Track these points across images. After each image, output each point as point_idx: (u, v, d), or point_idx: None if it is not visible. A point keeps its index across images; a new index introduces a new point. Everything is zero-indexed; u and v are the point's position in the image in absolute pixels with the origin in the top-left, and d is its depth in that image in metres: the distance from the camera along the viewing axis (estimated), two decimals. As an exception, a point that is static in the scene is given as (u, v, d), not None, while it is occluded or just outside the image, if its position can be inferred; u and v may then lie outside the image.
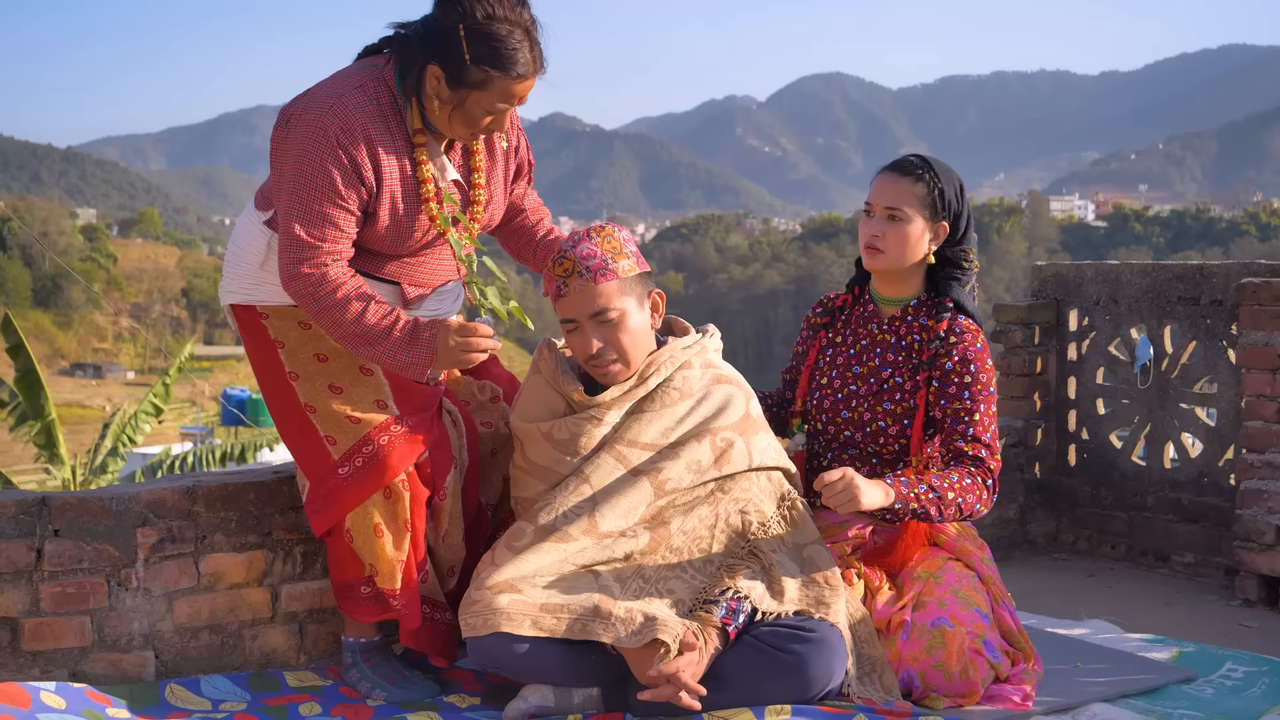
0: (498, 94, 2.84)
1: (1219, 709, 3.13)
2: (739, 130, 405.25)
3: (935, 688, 3.00)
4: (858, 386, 3.30)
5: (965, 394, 3.17)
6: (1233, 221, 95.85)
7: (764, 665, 2.88)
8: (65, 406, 45.40)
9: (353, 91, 2.88)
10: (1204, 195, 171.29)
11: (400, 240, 3.02)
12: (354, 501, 3.02)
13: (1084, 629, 3.88)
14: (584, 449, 3.03)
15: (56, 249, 64.89)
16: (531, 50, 2.83)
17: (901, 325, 3.30)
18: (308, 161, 2.84)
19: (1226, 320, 4.68)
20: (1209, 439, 4.76)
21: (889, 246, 3.20)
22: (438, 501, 3.12)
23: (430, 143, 2.99)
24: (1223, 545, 4.63)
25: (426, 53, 2.83)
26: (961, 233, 3.26)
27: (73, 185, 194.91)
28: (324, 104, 2.85)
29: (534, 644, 2.88)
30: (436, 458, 3.11)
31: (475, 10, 2.77)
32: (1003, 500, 5.05)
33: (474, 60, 2.79)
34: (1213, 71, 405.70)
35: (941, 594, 3.11)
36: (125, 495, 3.17)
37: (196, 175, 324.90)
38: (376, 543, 3.03)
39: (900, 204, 3.18)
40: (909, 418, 3.24)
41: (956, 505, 3.09)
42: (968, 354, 3.18)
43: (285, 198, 2.89)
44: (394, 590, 3.04)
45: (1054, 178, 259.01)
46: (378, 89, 2.91)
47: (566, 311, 2.99)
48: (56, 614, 3.09)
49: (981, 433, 3.16)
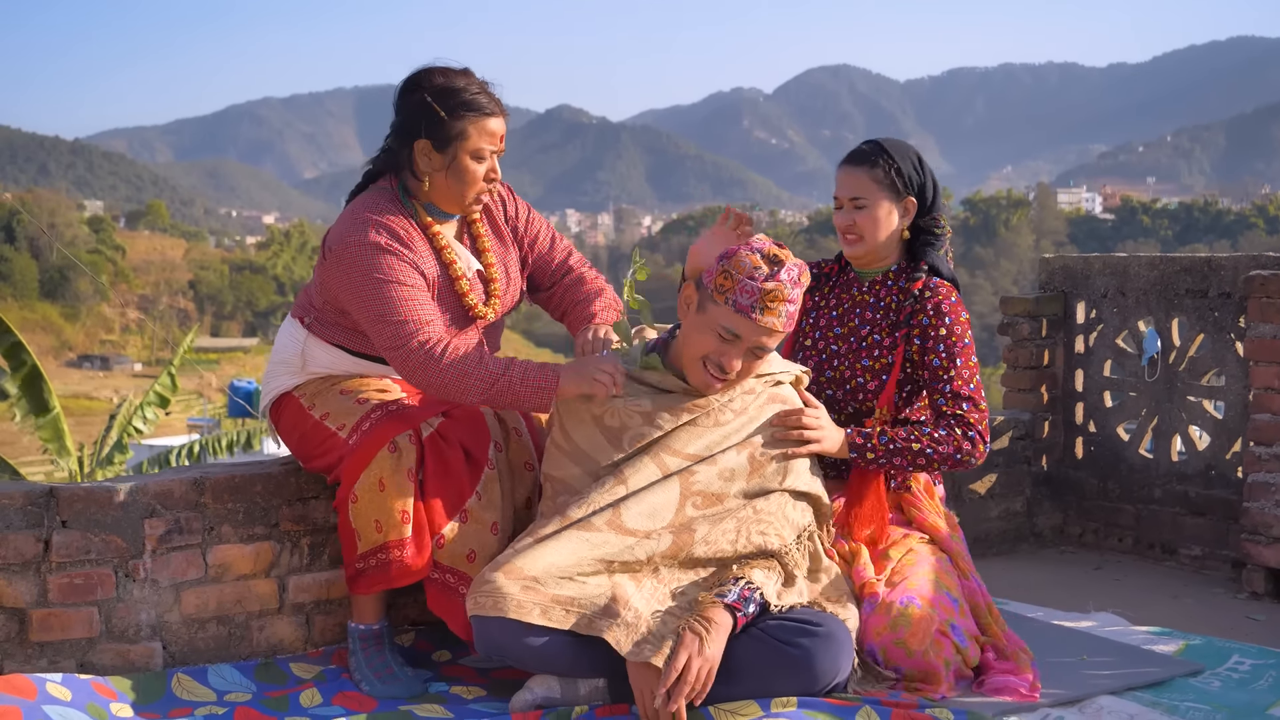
0: (479, 136, 3.15)
1: (1226, 701, 3.12)
2: (746, 123, 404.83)
3: (896, 664, 3.03)
4: (839, 346, 3.41)
5: (941, 348, 3.29)
6: (1241, 214, 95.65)
7: (771, 658, 2.89)
8: (72, 398, 45.49)
9: (371, 207, 3.17)
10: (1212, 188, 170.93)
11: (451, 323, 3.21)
12: (363, 460, 3.08)
13: (1091, 622, 3.88)
14: (628, 444, 3.04)
15: (63, 241, 64.98)
16: (489, 94, 3.18)
17: (881, 288, 3.43)
18: (366, 266, 3.08)
19: (1234, 313, 4.67)
20: (1216, 432, 4.75)
21: (863, 232, 3.37)
22: (488, 471, 3.20)
23: (449, 237, 3.26)
24: (1230, 538, 4.62)
25: (409, 137, 3.16)
26: (930, 201, 3.40)
27: (80, 177, 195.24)
28: (357, 225, 3.12)
29: (540, 634, 2.88)
30: (470, 432, 3.21)
31: (433, 82, 3.15)
32: (1009, 493, 5.05)
33: (449, 114, 3.12)
34: (1221, 64, 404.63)
35: (916, 575, 3.15)
36: (133, 486, 3.18)
37: (203, 167, 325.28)
38: (379, 496, 3.07)
39: (862, 193, 3.35)
40: (886, 374, 3.34)
41: (925, 455, 3.22)
42: (941, 307, 3.31)
43: (361, 305, 3.09)
44: (401, 540, 3.07)
45: (1061, 170, 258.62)
46: (390, 201, 3.20)
47: (742, 329, 2.95)
48: (64, 605, 3.10)
49: (960, 387, 3.27)
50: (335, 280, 3.15)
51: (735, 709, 2.84)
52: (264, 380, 3.40)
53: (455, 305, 3.23)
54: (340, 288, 3.14)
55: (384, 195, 3.21)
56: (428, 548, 3.11)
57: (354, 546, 3.14)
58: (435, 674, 3.27)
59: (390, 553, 3.08)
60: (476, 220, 3.34)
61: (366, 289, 3.08)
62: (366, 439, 3.10)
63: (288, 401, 3.32)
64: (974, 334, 3.38)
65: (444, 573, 3.15)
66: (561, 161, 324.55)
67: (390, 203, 3.19)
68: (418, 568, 3.09)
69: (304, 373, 3.31)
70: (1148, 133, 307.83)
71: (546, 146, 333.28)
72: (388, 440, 3.08)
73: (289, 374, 3.32)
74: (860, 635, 3.06)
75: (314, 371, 3.30)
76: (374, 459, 3.08)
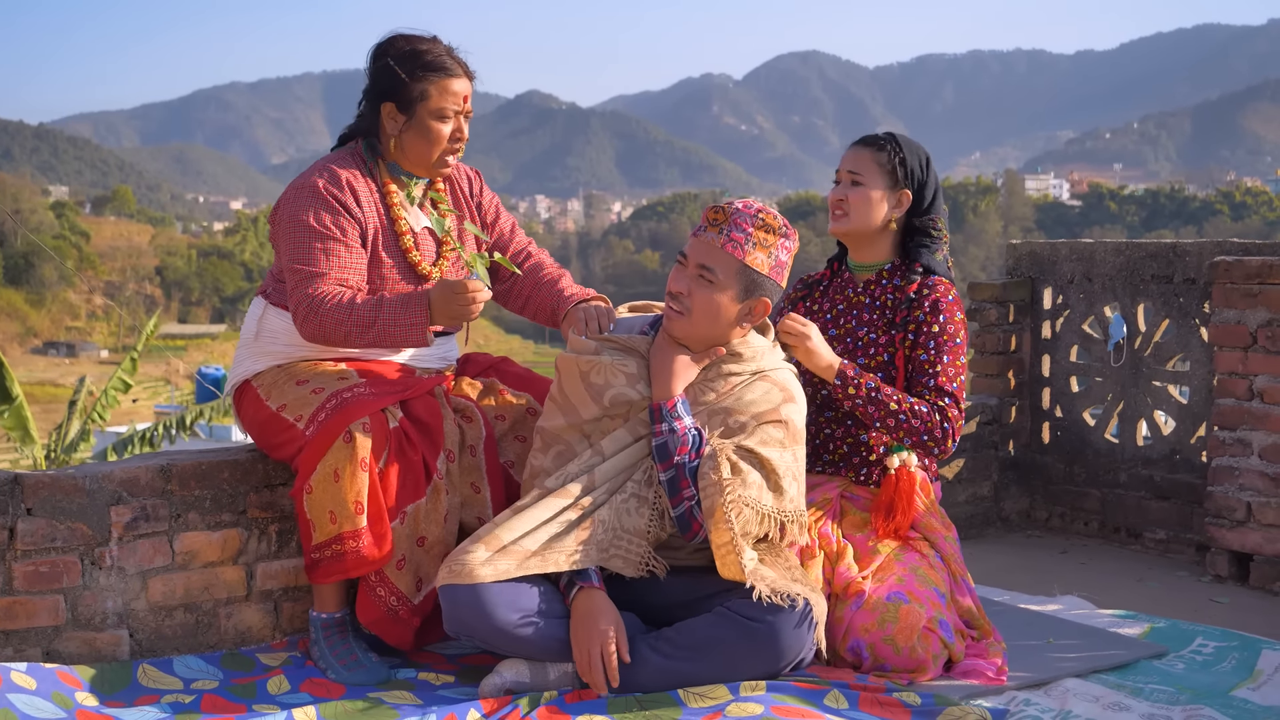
0: (441, 96, 3.23)
1: (1190, 684, 3.15)
2: (715, 108, 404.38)
3: (884, 661, 3.04)
4: (836, 347, 3.40)
5: (931, 344, 3.30)
6: (1206, 200, 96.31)
7: (736, 634, 2.90)
8: (38, 385, 45.04)
9: (332, 159, 3.30)
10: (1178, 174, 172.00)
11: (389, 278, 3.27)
12: (319, 450, 3.06)
13: (1056, 605, 3.90)
14: (609, 402, 3.05)
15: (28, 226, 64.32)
16: (454, 57, 3.26)
17: (876, 288, 3.44)
18: (300, 208, 3.19)
19: (1199, 298, 4.71)
20: (1181, 416, 4.79)
21: (851, 209, 3.40)
22: (436, 480, 3.18)
23: (402, 196, 3.34)
24: (1194, 522, 4.66)
25: (376, 101, 3.26)
26: (928, 203, 3.42)
27: (44, 162, 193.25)
28: (311, 172, 3.25)
29: (509, 615, 2.89)
30: (425, 437, 3.19)
31: (398, 46, 3.25)
32: (976, 477, 5.07)
33: (410, 76, 3.21)
34: (1188, 51, 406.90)
35: (901, 571, 3.16)
36: (98, 474, 3.15)
37: (170, 152, 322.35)
38: (334, 486, 3.05)
39: (862, 170, 3.39)
40: (883, 372, 3.35)
41: (897, 418, 3.23)
42: (939, 304, 3.33)
43: (285, 249, 3.20)
44: (356, 531, 3.04)
45: (1029, 156, 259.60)
46: (352, 157, 3.31)
47: (688, 249, 3.06)
48: (30, 593, 3.08)
49: (945, 383, 3.29)
50: (274, 222, 3.27)
51: (704, 692, 2.85)
52: (231, 365, 3.41)
53: (400, 260, 3.29)
54: (276, 229, 3.26)
55: (347, 151, 3.33)
56: (387, 537, 3.08)
57: (310, 537, 3.12)
58: (403, 660, 3.26)
59: (345, 543, 3.05)
60: (440, 188, 3.42)
61: (292, 232, 3.19)
62: (322, 430, 3.07)
63: (246, 391, 3.32)
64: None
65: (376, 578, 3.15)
66: (531, 147, 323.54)
67: (349, 157, 3.30)
68: (374, 558, 3.06)
69: (259, 347, 3.31)
70: (1115, 119, 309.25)
71: (516, 132, 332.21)
72: (342, 430, 3.05)
73: (249, 356, 3.33)
74: (847, 632, 3.07)
75: (268, 346, 3.30)
76: (329, 450, 3.05)
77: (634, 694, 2.90)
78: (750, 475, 2.96)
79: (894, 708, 2.83)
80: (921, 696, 2.87)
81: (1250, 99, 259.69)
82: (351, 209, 3.20)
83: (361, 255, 3.22)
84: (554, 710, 2.84)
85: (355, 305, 3.11)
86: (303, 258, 3.16)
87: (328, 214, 3.17)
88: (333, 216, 3.17)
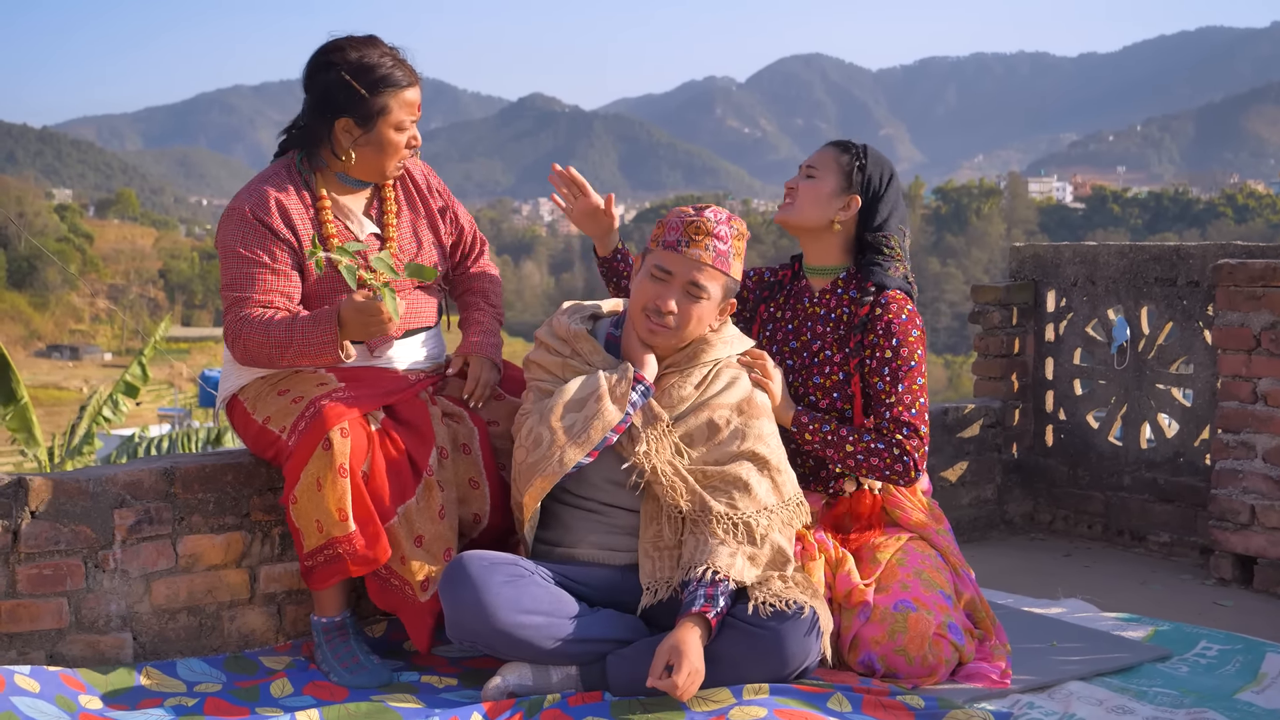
0: (400, 109, 3.25)
1: (1194, 687, 3.15)
2: (719, 111, 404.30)
3: (896, 670, 3.04)
4: (793, 361, 3.40)
5: (886, 370, 3.26)
6: (1210, 203, 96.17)
7: (742, 642, 2.90)
8: (41, 388, 45.09)
9: (265, 179, 3.30)
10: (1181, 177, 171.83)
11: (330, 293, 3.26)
12: (301, 460, 3.05)
13: (1060, 608, 3.90)
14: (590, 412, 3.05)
15: (32, 230, 64.42)
16: (404, 64, 3.27)
17: (831, 298, 3.41)
18: (230, 235, 3.22)
19: (1203, 301, 4.70)
20: (1185, 419, 4.78)
21: (797, 199, 3.41)
22: (427, 477, 3.18)
23: (341, 205, 3.34)
24: (1198, 525, 4.66)
25: (329, 115, 3.23)
26: (882, 219, 3.37)
27: (48, 165, 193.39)
28: (242, 195, 3.27)
29: (512, 617, 2.89)
30: (413, 436, 3.20)
31: (347, 58, 3.22)
32: (980, 480, 5.07)
33: (370, 90, 3.20)
34: (1190, 54, 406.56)
35: (904, 576, 3.15)
36: (102, 477, 3.16)
37: (173, 155, 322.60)
38: (317, 495, 3.04)
39: (819, 166, 3.42)
40: (838, 391, 3.32)
41: (855, 459, 3.23)
42: (891, 327, 3.29)
43: (222, 272, 3.25)
44: (347, 535, 3.04)
45: (1032, 159, 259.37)
46: (287, 174, 3.30)
47: (671, 265, 3.06)
48: (33, 596, 3.08)
49: (901, 412, 3.24)
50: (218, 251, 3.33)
51: (708, 695, 2.85)
52: (220, 380, 3.43)
53: (333, 270, 3.24)
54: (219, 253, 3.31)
55: (281, 166, 3.32)
56: (381, 535, 3.08)
57: (301, 545, 3.13)
58: (406, 664, 3.26)
59: (337, 548, 3.05)
60: (387, 191, 3.41)
61: (224, 259, 3.24)
62: (302, 440, 3.06)
63: (235, 406, 3.34)
64: (945, 324, 3.40)
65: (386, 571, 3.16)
66: (534, 150, 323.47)
67: (284, 174, 3.30)
68: (372, 557, 3.07)
69: (237, 370, 3.31)
70: (1118, 122, 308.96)
71: (519, 135, 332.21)
72: (321, 438, 3.04)
73: (234, 370, 3.34)
74: (856, 644, 3.07)
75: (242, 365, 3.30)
76: (310, 459, 3.04)
77: (638, 697, 2.90)
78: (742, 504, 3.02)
79: (898, 711, 2.83)
80: (925, 700, 2.86)
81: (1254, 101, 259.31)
82: (279, 231, 3.21)
83: (290, 277, 3.24)
84: (557, 713, 2.84)
85: (271, 325, 3.14)
86: (229, 283, 3.22)
87: (254, 239, 3.20)
88: (259, 242, 3.20)
